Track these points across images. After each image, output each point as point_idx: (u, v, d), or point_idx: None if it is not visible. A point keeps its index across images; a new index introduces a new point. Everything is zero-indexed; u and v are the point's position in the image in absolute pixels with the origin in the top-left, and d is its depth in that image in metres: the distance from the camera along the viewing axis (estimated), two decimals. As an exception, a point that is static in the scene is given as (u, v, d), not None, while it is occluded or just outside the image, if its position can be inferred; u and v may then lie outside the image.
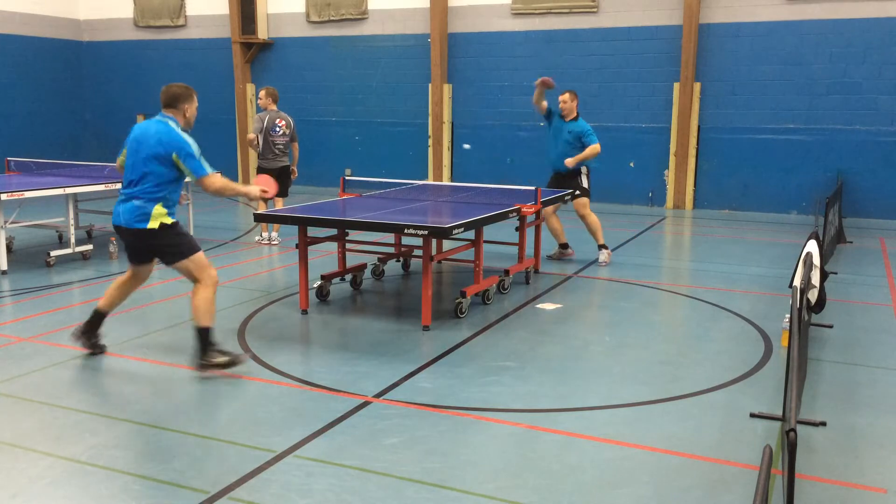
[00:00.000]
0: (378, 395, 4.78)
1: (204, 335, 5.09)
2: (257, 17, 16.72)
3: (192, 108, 5.22)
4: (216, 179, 5.08)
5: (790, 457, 2.86)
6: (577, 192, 8.88)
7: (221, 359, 5.06)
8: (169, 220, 5.06)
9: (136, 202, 4.98)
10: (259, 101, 10.10)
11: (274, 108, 9.97)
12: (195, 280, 5.12)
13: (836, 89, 12.97)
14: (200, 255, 5.15)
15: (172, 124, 5.07)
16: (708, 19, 13.59)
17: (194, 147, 5.04)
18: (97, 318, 5.43)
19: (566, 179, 8.98)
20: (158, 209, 5.01)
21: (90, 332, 5.43)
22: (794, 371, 3.32)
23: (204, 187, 5.07)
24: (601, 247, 9.00)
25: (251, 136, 9.91)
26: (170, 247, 5.08)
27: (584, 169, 8.98)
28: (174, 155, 4.96)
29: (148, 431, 4.26)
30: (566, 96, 9.01)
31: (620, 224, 12.22)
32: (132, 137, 5.11)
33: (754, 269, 8.79)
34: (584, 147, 8.81)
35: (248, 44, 17.05)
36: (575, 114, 8.99)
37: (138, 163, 5.01)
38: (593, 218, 8.96)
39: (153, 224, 5.00)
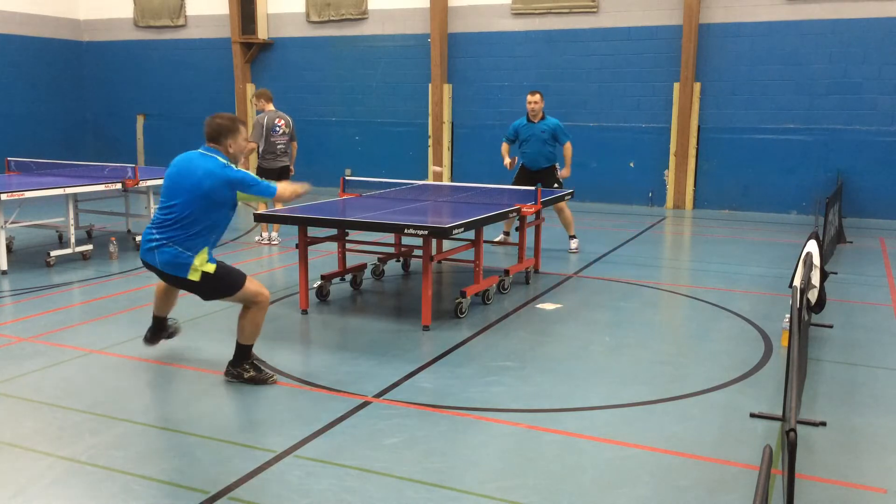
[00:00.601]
0: (378, 395, 4.78)
1: (243, 351, 4.96)
2: (257, 17, 16.72)
3: (237, 143, 4.78)
4: (284, 189, 4.97)
5: (790, 457, 2.86)
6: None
7: (251, 373, 4.93)
8: (211, 269, 4.72)
9: (175, 248, 4.60)
10: (255, 105, 10.09)
11: (270, 107, 9.95)
12: (245, 304, 4.88)
13: (836, 89, 12.97)
14: (248, 284, 4.81)
15: (222, 160, 4.69)
16: (708, 19, 13.59)
17: (251, 174, 4.77)
18: (158, 323, 5.36)
19: (541, 176, 9.36)
20: (201, 259, 4.66)
21: (159, 334, 5.41)
22: (794, 371, 3.32)
23: (276, 201, 4.82)
24: (572, 237, 9.68)
25: (252, 144, 9.87)
26: (212, 290, 4.79)
27: (556, 165, 9.62)
28: (238, 191, 4.68)
29: (148, 431, 4.26)
30: (537, 97, 9.48)
31: (620, 224, 12.23)
32: (173, 171, 4.74)
33: (754, 269, 8.79)
34: (556, 141, 9.46)
35: (248, 44, 17.05)
36: (542, 113, 9.52)
37: (179, 201, 4.60)
38: (568, 212, 9.60)
39: (193, 276, 4.66)
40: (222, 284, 4.76)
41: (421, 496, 3.57)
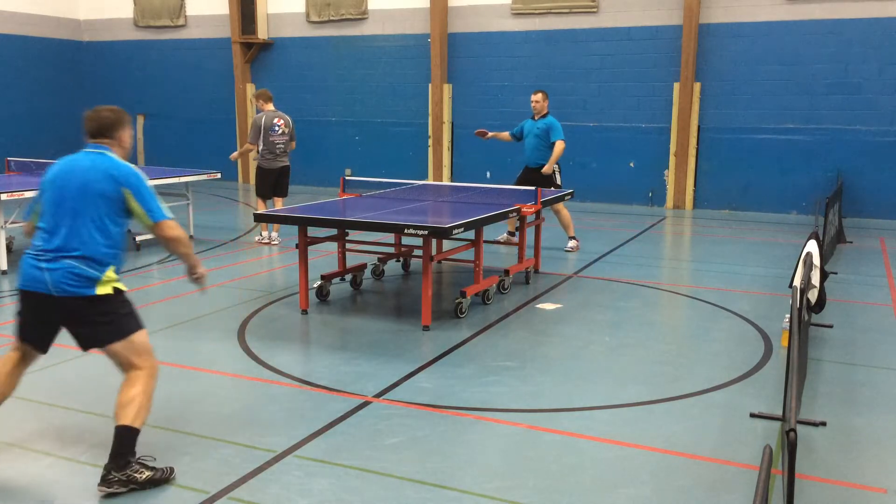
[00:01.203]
0: (378, 395, 4.78)
1: (130, 440, 3.70)
2: (257, 17, 16.73)
3: (127, 137, 4.00)
4: (176, 226, 3.89)
5: (790, 457, 2.86)
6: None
7: (146, 474, 3.66)
8: (122, 286, 3.83)
9: (74, 262, 3.66)
10: (255, 105, 10.11)
11: (270, 107, 9.94)
12: (132, 367, 3.81)
13: (836, 89, 12.97)
14: (145, 332, 3.91)
15: (114, 156, 3.88)
16: (708, 19, 13.59)
17: (148, 182, 3.90)
18: None
19: (538, 176, 9.46)
20: (111, 275, 3.76)
21: None
22: (794, 371, 3.32)
23: (160, 232, 3.83)
24: (571, 238, 9.77)
25: (250, 146, 9.94)
26: (116, 318, 3.78)
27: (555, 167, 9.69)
28: (126, 191, 3.75)
29: (148, 431, 4.25)
30: (538, 96, 9.74)
31: (620, 224, 12.23)
32: (55, 176, 3.82)
33: (754, 269, 8.79)
34: (550, 140, 9.51)
35: (248, 44, 17.05)
36: (545, 112, 9.69)
37: (72, 208, 3.72)
38: (566, 212, 9.71)
39: (104, 290, 3.70)
40: (128, 315, 3.84)
41: (421, 496, 3.57)
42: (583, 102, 14.60)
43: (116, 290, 3.78)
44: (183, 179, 10.14)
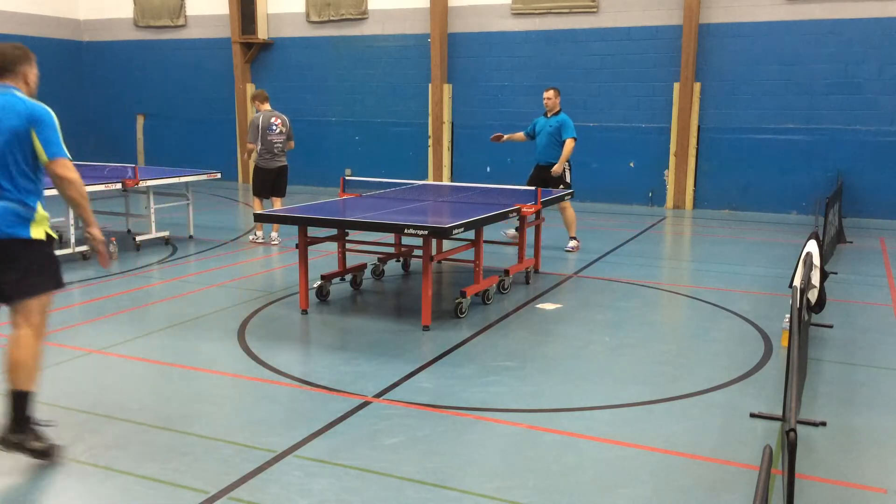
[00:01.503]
0: (378, 395, 4.78)
1: (25, 404, 3.77)
2: (257, 17, 16.73)
3: (32, 74, 3.96)
4: (72, 167, 3.85)
5: (790, 457, 2.86)
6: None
7: (37, 444, 3.77)
8: (53, 233, 3.89)
9: (7, 203, 3.70)
10: (254, 106, 10.11)
11: (267, 107, 9.94)
12: (29, 324, 3.78)
13: (836, 89, 12.97)
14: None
15: (20, 94, 3.85)
16: (708, 19, 13.59)
17: (57, 121, 3.86)
18: None
19: (548, 173, 9.56)
20: (42, 211, 3.81)
21: None
22: (794, 371, 3.32)
23: (55, 170, 3.79)
24: (572, 238, 9.83)
25: (250, 146, 9.95)
26: (48, 267, 3.84)
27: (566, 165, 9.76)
28: (32, 129, 3.73)
29: (148, 431, 4.26)
30: (550, 93, 9.79)
31: (620, 224, 12.23)
32: None
33: (754, 269, 8.79)
34: (562, 138, 9.57)
35: (248, 44, 17.06)
36: (558, 109, 9.74)
37: None
38: (571, 212, 9.80)
39: (37, 233, 3.77)
40: (56, 271, 3.90)
41: (421, 496, 3.57)
42: (583, 102, 14.60)
43: (49, 236, 3.84)
44: (183, 179, 10.14)
